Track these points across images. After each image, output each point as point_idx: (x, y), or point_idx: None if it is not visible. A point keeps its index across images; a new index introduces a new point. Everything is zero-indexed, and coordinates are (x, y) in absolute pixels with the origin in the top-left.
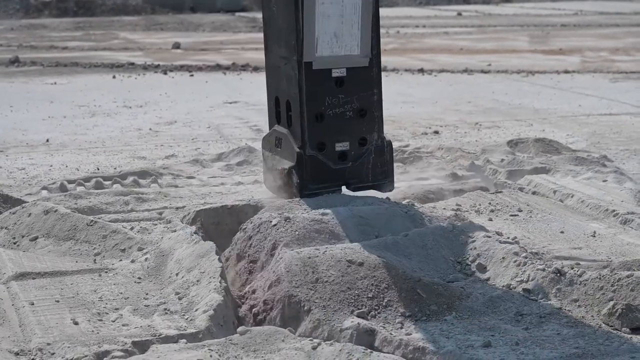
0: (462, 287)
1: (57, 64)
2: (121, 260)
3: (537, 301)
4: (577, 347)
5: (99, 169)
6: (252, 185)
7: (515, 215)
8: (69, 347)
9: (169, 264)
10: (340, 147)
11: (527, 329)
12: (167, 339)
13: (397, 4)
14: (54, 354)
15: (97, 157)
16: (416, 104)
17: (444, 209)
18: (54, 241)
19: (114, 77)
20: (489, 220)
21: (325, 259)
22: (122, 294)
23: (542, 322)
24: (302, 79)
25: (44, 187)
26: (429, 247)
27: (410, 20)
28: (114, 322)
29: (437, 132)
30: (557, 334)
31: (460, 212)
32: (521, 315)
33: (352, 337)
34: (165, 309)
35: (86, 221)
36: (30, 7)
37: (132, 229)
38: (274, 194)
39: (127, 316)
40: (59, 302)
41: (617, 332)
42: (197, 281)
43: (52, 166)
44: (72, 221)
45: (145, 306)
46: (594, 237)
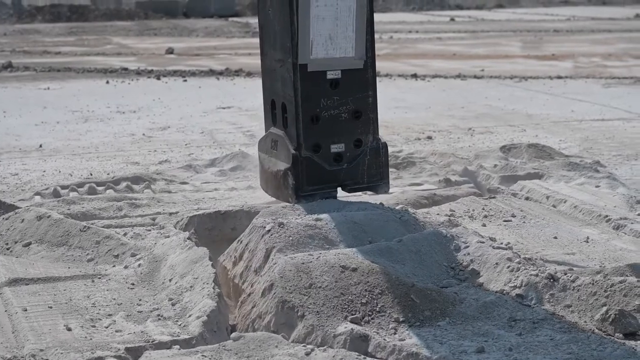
0: (456, 293)
1: (50, 69)
2: (114, 266)
3: (530, 307)
4: (571, 353)
5: (92, 175)
6: (246, 190)
7: (508, 220)
8: (62, 353)
9: (163, 270)
10: (335, 148)
11: (520, 334)
12: (161, 345)
13: (390, 10)
14: None
15: (90, 163)
16: (409, 109)
17: (438, 215)
18: (47, 247)
19: (107, 82)
20: (482, 225)
21: (319, 264)
22: (115, 299)
23: (536, 328)
24: (297, 81)
25: (37, 193)
26: (423, 253)
27: (403, 25)
28: (107, 328)
29: (430, 138)
30: (551, 340)
31: (453, 218)
32: (514, 320)
33: (346, 343)
34: (158, 315)
35: (79, 227)
36: (23, 12)
37: (125, 234)
38: (270, 195)
39: (120, 322)
40: (52, 308)
41: (610, 338)
42: (191, 287)
43: (45, 172)
44: (65, 227)
45: (138, 312)
46: (587, 242)
